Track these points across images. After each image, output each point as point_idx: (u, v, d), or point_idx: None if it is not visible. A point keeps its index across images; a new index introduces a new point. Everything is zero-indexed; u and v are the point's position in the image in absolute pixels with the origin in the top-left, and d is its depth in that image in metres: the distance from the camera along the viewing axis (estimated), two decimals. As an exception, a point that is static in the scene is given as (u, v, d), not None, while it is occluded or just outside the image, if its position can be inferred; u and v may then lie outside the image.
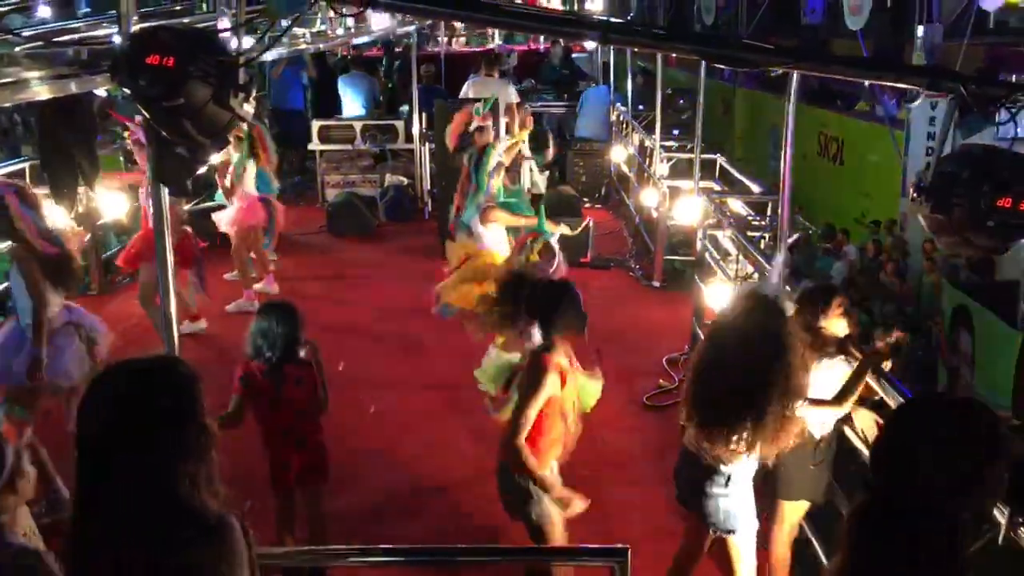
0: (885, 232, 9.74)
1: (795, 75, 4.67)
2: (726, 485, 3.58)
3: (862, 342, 4.14)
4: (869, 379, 3.83)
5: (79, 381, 4.99)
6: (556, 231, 6.02)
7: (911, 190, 2.68)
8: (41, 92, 3.35)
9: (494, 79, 11.29)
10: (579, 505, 3.74)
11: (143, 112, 2.68)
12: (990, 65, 10.55)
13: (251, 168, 7.90)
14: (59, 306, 4.89)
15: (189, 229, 7.29)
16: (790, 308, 3.68)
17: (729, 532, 3.67)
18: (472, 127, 6.49)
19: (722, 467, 3.56)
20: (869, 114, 11.40)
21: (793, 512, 4.06)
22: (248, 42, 3.13)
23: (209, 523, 2.01)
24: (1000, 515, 2.65)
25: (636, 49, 11.10)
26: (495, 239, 6.27)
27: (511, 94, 11.11)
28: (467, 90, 11.34)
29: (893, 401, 3.76)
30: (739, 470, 3.59)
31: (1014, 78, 9.28)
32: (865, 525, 2.01)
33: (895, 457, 2.01)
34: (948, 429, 1.97)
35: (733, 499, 3.61)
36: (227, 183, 7.85)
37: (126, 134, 7.84)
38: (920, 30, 8.27)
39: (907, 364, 7.95)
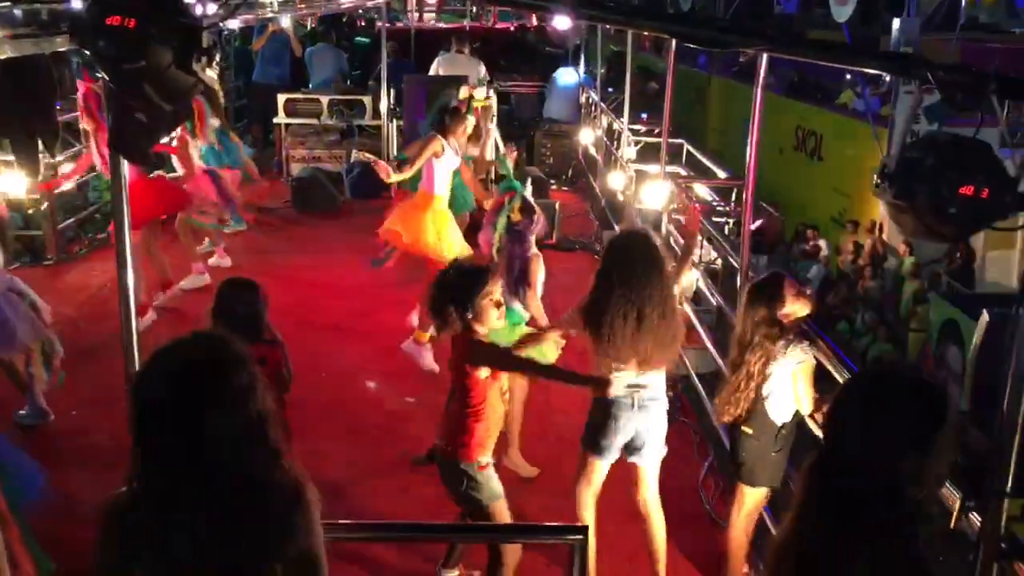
0: (865, 233, 9.16)
1: (764, 59, 4.68)
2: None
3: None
4: (833, 371, 3.89)
5: (31, 344, 4.99)
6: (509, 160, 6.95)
7: (875, 176, 2.65)
8: (-3, 53, 3.24)
9: (464, 56, 11.21)
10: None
11: (103, 75, 2.61)
12: (966, 60, 10.59)
13: (192, 141, 7.72)
14: None
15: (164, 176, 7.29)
16: (657, 239, 4.07)
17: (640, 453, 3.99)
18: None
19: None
20: (849, 108, 11.24)
21: (753, 497, 4.10)
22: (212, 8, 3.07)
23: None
24: (952, 500, 2.69)
25: (609, 27, 11.07)
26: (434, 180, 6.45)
27: (481, 72, 11.05)
28: (437, 67, 11.25)
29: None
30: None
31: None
32: (813, 481, 2.08)
33: (844, 418, 2.08)
34: (897, 392, 2.04)
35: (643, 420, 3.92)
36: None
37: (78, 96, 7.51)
38: (896, 23, 8.25)
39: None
